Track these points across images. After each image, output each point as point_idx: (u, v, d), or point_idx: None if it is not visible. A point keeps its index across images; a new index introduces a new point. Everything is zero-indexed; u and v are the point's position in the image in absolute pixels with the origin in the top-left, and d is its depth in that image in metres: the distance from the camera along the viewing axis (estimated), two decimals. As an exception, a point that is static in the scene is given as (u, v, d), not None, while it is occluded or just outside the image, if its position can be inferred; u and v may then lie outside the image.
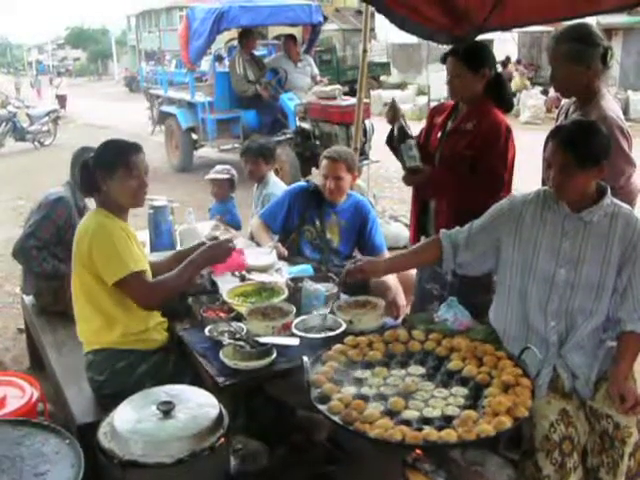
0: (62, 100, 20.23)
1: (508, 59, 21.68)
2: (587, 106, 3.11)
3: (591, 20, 3.27)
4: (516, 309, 2.74)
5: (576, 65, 3.06)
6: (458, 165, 3.49)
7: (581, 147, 2.48)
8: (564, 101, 3.44)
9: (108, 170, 2.93)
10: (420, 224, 3.85)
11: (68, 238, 4.09)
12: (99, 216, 2.98)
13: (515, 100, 20.21)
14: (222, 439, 2.28)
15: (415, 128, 3.61)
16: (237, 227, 5.11)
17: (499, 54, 23.20)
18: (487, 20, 3.48)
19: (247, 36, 10.70)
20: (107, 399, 2.90)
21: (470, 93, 3.52)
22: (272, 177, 5.10)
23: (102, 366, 2.97)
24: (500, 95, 3.56)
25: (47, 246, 4.02)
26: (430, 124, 3.81)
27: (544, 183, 3.24)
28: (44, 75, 36.70)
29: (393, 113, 3.47)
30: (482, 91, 3.51)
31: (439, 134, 3.67)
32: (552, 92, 18.99)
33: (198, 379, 2.84)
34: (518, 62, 21.90)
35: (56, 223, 4.02)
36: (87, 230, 2.91)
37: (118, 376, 2.93)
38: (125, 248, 2.87)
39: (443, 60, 3.54)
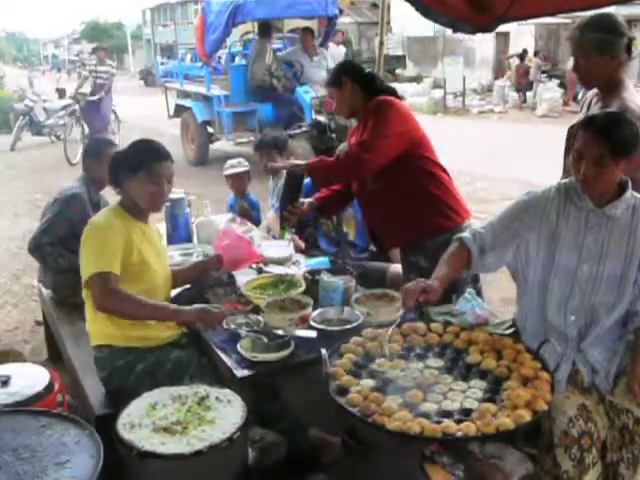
0: (62, 93, 20.39)
1: (525, 52, 21.52)
2: (609, 97, 3.08)
3: (610, 11, 3.23)
4: (535, 305, 2.70)
5: (601, 55, 3.02)
6: None
7: (616, 138, 2.42)
8: (588, 93, 3.40)
9: (131, 170, 2.94)
10: None
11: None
12: (108, 213, 3.02)
13: (532, 93, 20.14)
14: (240, 431, 2.28)
15: (429, 122, 3.59)
16: (258, 224, 5.06)
17: (515, 47, 23.12)
18: (509, 10, 3.45)
19: (268, 27, 10.73)
20: (113, 394, 2.95)
21: (349, 107, 3.59)
22: (287, 168, 5.08)
23: (103, 363, 2.98)
24: (380, 88, 3.57)
25: (62, 242, 4.03)
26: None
27: (563, 174, 3.23)
28: (59, 69, 37.03)
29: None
30: (362, 97, 3.52)
31: None
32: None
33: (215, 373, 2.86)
34: (535, 54, 21.72)
35: (70, 219, 4.03)
36: (90, 225, 2.95)
37: (118, 374, 2.94)
38: (109, 248, 2.82)
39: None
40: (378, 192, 3.51)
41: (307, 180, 3.70)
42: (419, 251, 3.50)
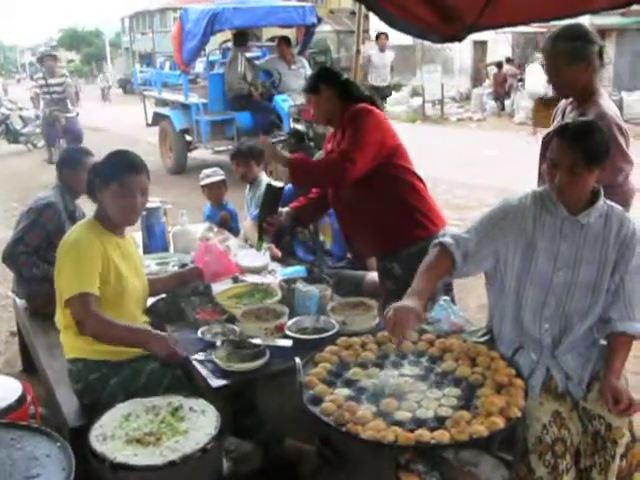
0: (36, 102, 20.27)
1: (508, 60, 21.57)
2: (585, 105, 3.11)
3: (585, 21, 3.27)
4: (510, 312, 2.71)
5: (576, 63, 3.07)
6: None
7: (590, 146, 2.45)
8: (562, 101, 3.43)
9: (103, 181, 2.90)
10: None
11: (58, 242, 4.10)
12: (83, 229, 2.96)
13: (509, 101, 20.28)
14: (214, 441, 2.27)
15: (408, 130, 3.61)
16: (237, 233, 5.04)
17: (493, 55, 23.21)
18: (478, 19, 3.48)
19: (243, 37, 10.71)
20: (88, 406, 2.91)
21: (325, 113, 3.62)
22: (264, 177, 5.09)
23: (78, 376, 2.95)
24: (357, 95, 3.59)
25: (37, 251, 4.00)
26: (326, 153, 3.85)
27: (539, 181, 3.25)
28: (32, 77, 36.87)
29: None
30: (339, 104, 3.54)
31: None
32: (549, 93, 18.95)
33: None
34: (508, 61, 21.78)
35: (45, 228, 4.00)
36: (65, 242, 2.91)
37: (92, 388, 2.90)
38: (88, 267, 2.79)
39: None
40: (354, 201, 3.51)
41: (287, 187, 3.71)
42: (394, 259, 3.51)
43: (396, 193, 3.49)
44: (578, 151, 2.44)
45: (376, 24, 20.81)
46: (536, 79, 15.91)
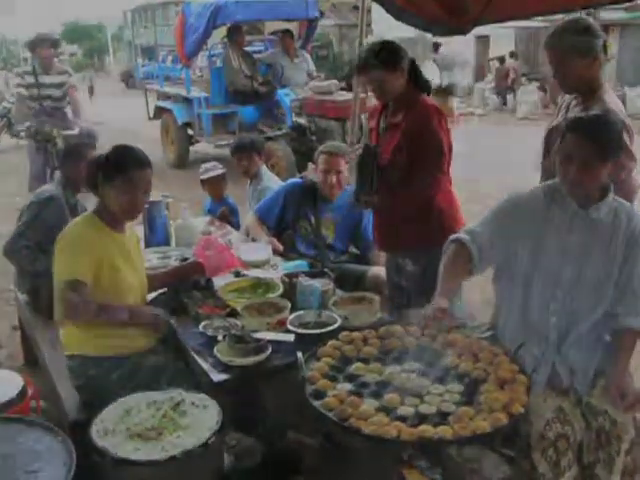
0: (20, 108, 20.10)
1: (512, 54, 21.49)
2: (589, 100, 3.09)
3: (585, 15, 3.25)
4: (517, 305, 2.71)
5: (584, 57, 3.04)
6: (398, 160, 3.48)
7: (605, 139, 2.45)
8: (565, 96, 3.41)
9: (107, 176, 2.89)
10: None
11: (59, 236, 4.10)
12: (79, 222, 2.98)
13: (511, 96, 20.23)
14: (216, 436, 2.26)
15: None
16: (238, 228, 5.02)
17: (496, 50, 23.11)
18: (484, 12, 3.47)
19: (237, 32, 10.68)
20: (88, 401, 2.88)
21: (396, 92, 3.52)
22: (265, 171, 5.07)
23: (77, 372, 2.94)
24: (417, 80, 3.55)
25: (38, 245, 3.99)
26: (369, 129, 3.82)
27: (542, 177, 3.24)
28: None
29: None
30: (404, 86, 3.49)
31: (375, 136, 3.68)
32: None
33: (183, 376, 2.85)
34: (512, 55, 21.71)
35: (47, 222, 3.98)
36: (60, 235, 2.91)
37: (93, 383, 2.89)
38: (79, 256, 2.81)
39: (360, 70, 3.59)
40: (397, 196, 3.50)
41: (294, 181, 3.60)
42: (409, 255, 3.49)
43: (434, 196, 3.51)
44: (594, 144, 2.43)
45: (378, 16, 20.75)
46: (430, 73, 16.15)
